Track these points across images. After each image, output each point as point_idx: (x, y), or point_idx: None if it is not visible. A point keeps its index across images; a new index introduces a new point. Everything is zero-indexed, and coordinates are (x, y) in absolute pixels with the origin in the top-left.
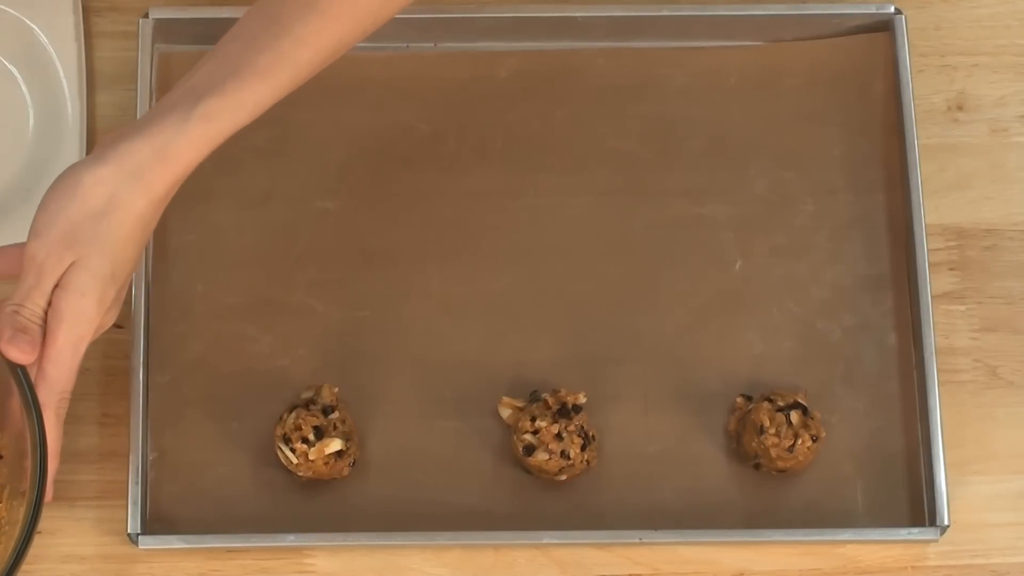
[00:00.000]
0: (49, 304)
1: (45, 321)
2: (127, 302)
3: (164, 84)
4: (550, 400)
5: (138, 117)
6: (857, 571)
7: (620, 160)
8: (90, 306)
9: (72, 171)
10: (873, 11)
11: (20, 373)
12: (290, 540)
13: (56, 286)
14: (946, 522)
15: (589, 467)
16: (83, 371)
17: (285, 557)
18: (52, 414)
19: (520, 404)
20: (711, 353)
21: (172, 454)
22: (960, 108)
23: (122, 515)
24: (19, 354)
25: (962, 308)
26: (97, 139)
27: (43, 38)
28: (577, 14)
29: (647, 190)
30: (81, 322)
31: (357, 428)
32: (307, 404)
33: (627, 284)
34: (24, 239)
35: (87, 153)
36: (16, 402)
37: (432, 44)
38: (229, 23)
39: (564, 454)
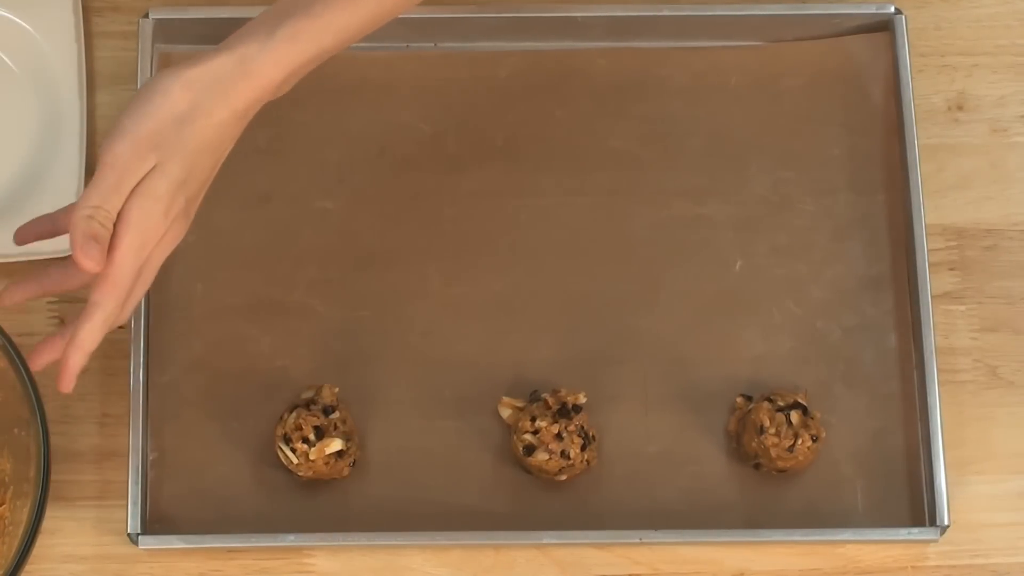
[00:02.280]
0: None
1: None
2: None
3: None
4: (550, 400)
5: None
6: (857, 571)
7: (620, 160)
8: (158, 212)
9: (160, 76)
10: (873, 11)
11: (24, 374)
12: (290, 540)
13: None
14: (946, 522)
15: (589, 467)
16: (83, 371)
17: (285, 557)
18: (100, 321)
19: (520, 404)
20: (711, 353)
21: (172, 454)
22: (960, 108)
23: (122, 515)
24: (91, 264)
25: (962, 308)
26: (97, 140)
27: (43, 38)
28: (577, 14)
29: (647, 190)
30: (148, 228)
31: (357, 428)
32: (307, 404)
33: (627, 284)
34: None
35: (87, 153)
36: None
37: (432, 44)
38: (229, 23)
39: (564, 454)
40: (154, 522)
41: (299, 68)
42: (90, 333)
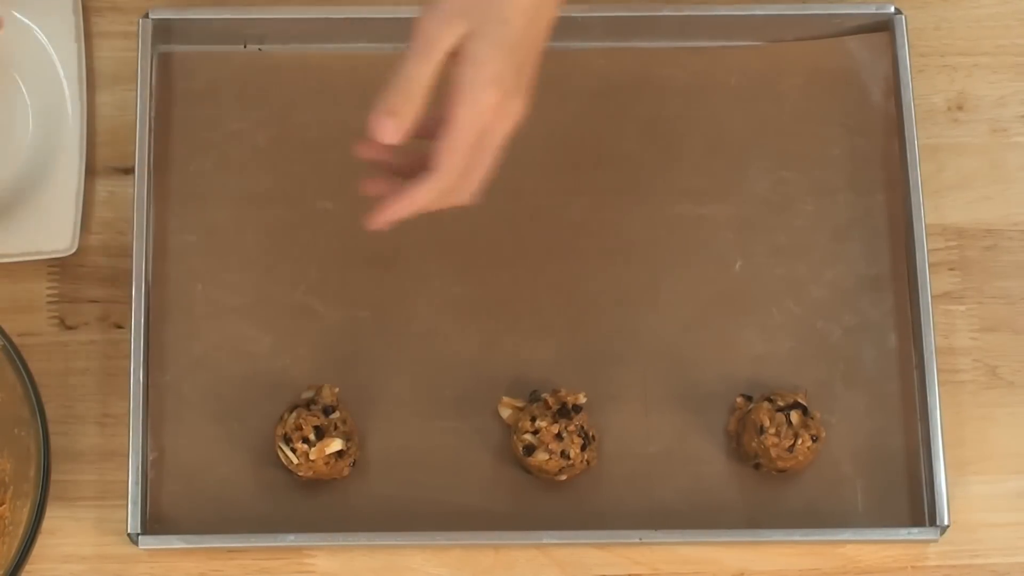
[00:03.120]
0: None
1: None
2: (127, 302)
3: (164, 84)
4: (550, 400)
5: (137, 118)
6: (857, 571)
7: (620, 160)
8: (484, 77)
9: None
10: (873, 11)
11: (24, 374)
12: (290, 540)
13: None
14: (946, 522)
15: (589, 467)
16: (83, 371)
17: (285, 557)
18: (435, 184)
19: (520, 404)
20: (711, 353)
21: (172, 454)
22: (960, 108)
23: (122, 515)
24: (383, 134)
25: (962, 308)
26: (97, 140)
27: (43, 38)
28: (577, 14)
29: (647, 190)
30: (477, 93)
31: (357, 428)
32: (308, 404)
33: (627, 284)
34: (24, 239)
35: (87, 153)
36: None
37: None
38: (229, 23)
39: (564, 454)
40: (154, 522)
41: None
42: (422, 192)
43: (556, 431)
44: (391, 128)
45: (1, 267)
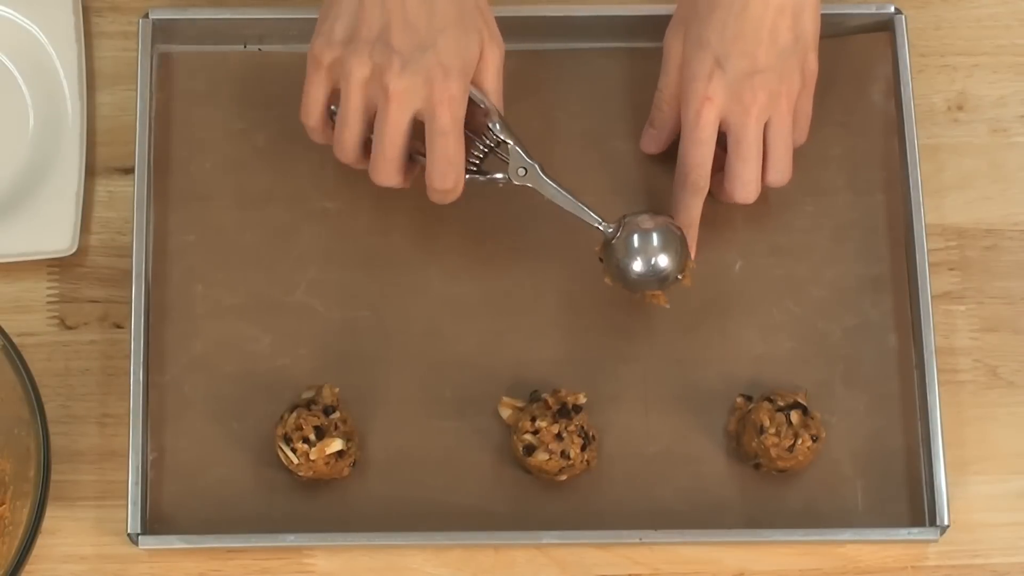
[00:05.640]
0: None
1: None
2: (127, 302)
3: (164, 84)
4: (550, 400)
5: (137, 118)
6: (857, 571)
7: (620, 160)
8: None
9: None
10: (873, 11)
11: (24, 374)
12: (290, 540)
13: None
14: (946, 522)
15: (589, 467)
16: (83, 371)
17: (285, 557)
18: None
19: (520, 404)
20: (711, 353)
21: (172, 454)
22: (960, 108)
23: (122, 515)
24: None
25: (962, 308)
26: (97, 140)
27: (43, 38)
28: (577, 14)
29: (647, 190)
30: None
31: (357, 428)
32: (308, 404)
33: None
34: (24, 239)
35: (87, 153)
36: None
37: None
38: (229, 23)
39: (564, 454)
40: (154, 522)
41: None
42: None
43: (556, 431)
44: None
45: (1, 267)
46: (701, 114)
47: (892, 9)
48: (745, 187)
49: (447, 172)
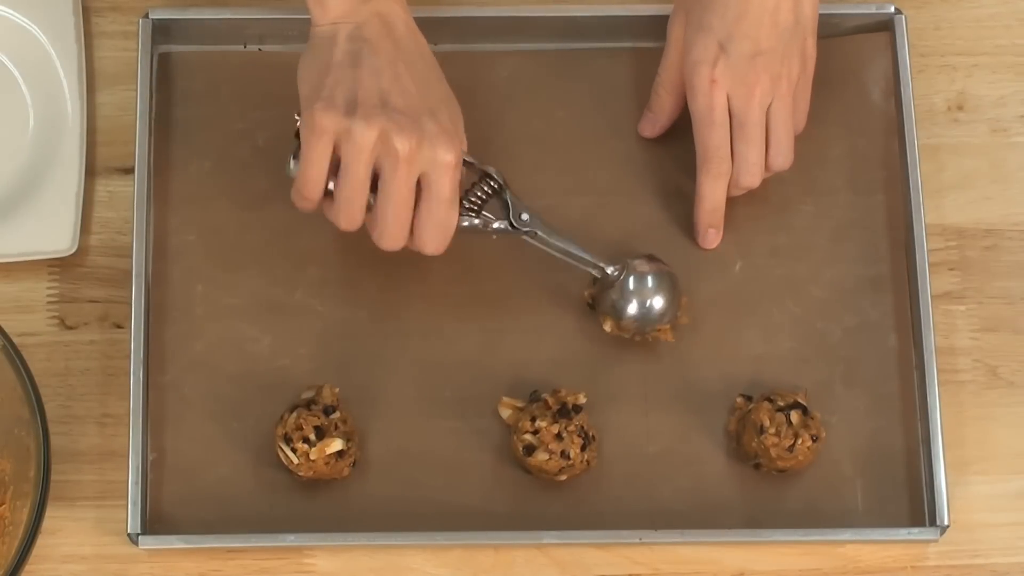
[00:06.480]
0: None
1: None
2: (127, 302)
3: (164, 84)
4: (550, 400)
5: (137, 118)
6: (857, 571)
7: (620, 160)
8: None
9: None
10: (873, 11)
11: (24, 374)
12: (290, 540)
13: None
14: (946, 522)
15: (589, 467)
16: (83, 371)
17: (285, 557)
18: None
19: (520, 404)
20: (711, 353)
21: (172, 454)
22: (960, 108)
23: (122, 515)
24: None
25: (962, 308)
26: (97, 140)
27: (43, 38)
28: (577, 14)
29: (647, 190)
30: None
31: (357, 428)
32: (308, 404)
33: None
34: (24, 239)
35: (87, 153)
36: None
37: (432, 44)
38: (229, 23)
39: (564, 454)
40: (154, 522)
41: None
42: None
43: (556, 431)
44: None
45: (1, 267)
46: (712, 97)
47: (892, 9)
48: (750, 170)
49: (441, 238)
